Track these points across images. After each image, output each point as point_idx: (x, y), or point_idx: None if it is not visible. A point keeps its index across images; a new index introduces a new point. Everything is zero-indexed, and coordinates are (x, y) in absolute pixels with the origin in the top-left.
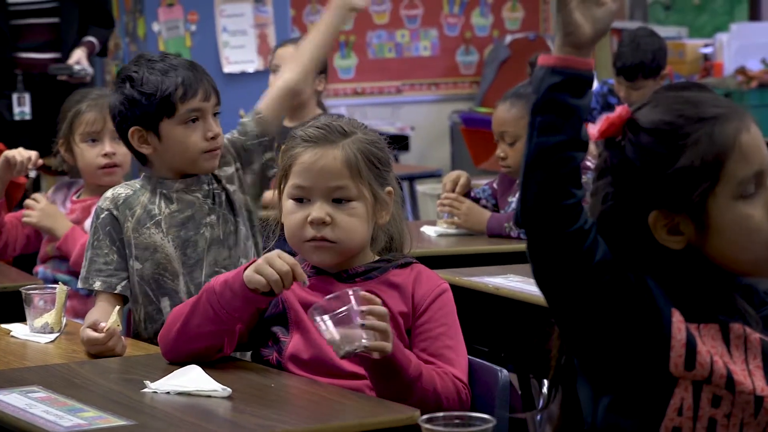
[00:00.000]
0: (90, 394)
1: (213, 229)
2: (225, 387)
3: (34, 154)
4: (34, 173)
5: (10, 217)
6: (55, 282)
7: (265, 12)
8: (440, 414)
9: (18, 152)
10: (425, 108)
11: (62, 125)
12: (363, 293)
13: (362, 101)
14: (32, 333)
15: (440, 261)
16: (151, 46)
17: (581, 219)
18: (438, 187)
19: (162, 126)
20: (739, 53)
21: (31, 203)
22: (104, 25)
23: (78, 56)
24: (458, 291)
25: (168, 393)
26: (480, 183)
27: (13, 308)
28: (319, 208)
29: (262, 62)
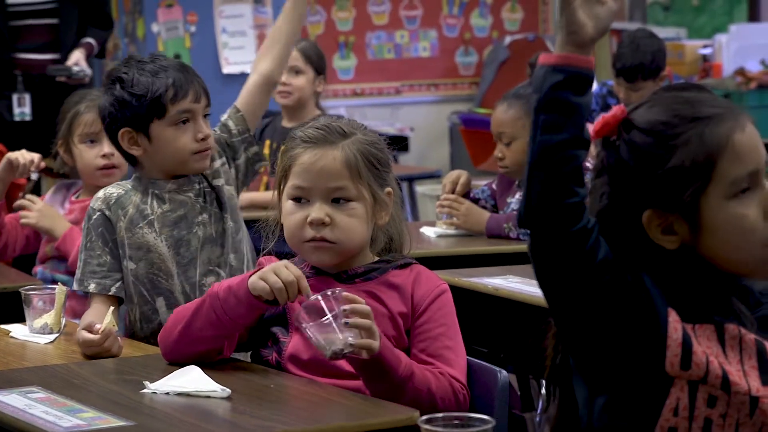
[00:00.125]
0: (89, 395)
1: (205, 227)
2: (224, 387)
3: (36, 157)
4: (36, 176)
5: (9, 218)
6: (54, 282)
7: (265, 13)
8: (440, 414)
9: (21, 154)
10: (425, 109)
11: (61, 126)
12: (345, 294)
13: (361, 102)
14: (31, 333)
15: (439, 262)
16: (151, 46)
17: (584, 218)
18: (437, 188)
19: (152, 127)
20: (738, 54)
21: (27, 204)
22: (103, 26)
23: (76, 57)
24: (457, 292)
25: (167, 393)
26: (479, 184)
27: (12, 309)
28: (319, 209)
29: None
